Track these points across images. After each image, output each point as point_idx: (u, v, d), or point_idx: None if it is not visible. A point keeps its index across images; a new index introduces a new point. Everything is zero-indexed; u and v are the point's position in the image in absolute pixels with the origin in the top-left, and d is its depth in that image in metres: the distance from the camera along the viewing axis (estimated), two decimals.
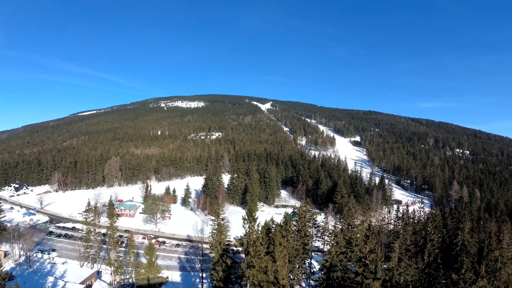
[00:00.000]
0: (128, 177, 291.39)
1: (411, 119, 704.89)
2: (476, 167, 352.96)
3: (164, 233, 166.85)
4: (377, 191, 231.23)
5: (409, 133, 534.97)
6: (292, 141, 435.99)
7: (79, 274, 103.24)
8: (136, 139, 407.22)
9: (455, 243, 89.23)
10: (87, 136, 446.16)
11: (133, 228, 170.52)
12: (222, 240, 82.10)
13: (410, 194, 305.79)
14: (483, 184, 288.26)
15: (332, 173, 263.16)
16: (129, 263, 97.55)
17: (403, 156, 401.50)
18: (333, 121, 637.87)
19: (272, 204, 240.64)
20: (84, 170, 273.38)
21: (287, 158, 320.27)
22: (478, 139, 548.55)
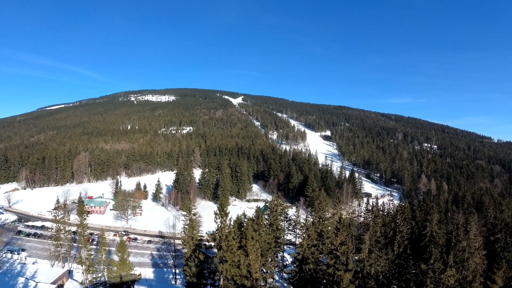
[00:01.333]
0: (98, 173, 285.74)
1: (380, 114, 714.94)
2: (443, 161, 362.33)
3: (135, 230, 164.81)
4: (347, 185, 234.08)
5: (379, 128, 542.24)
6: (263, 136, 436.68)
7: (50, 274, 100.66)
8: (105, 134, 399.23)
9: (423, 234, 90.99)
10: (55, 131, 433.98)
11: (104, 225, 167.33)
12: (194, 236, 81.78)
13: (380, 187, 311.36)
14: (451, 177, 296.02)
15: (303, 167, 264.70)
16: (100, 261, 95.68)
17: (372, 150, 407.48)
18: (304, 116, 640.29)
19: (243, 199, 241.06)
20: (53, 166, 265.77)
21: (258, 153, 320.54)
22: (446, 134, 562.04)
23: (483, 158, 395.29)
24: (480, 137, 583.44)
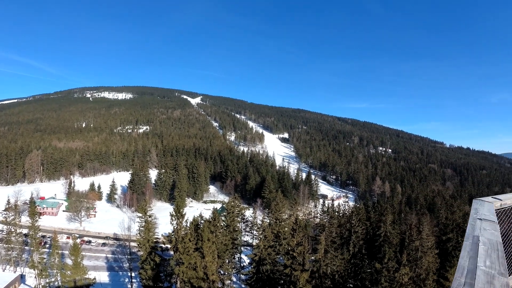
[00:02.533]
0: (51, 172, 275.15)
1: (337, 118, 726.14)
2: (397, 164, 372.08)
3: (89, 232, 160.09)
4: (304, 186, 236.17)
5: (336, 131, 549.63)
6: (221, 137, 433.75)
7: (2, 279, 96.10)
8: (59, 131, 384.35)
9: (378, 234, 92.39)
10: (6, 127, 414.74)
11: (57, 227, 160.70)
12: (150, 238, 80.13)
13: (336, 189, 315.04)
14: (404, 180, 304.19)
15: (261, 169, 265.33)
16: (54, 265, 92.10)
17: (329, 153, 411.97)
18: (262, 118, 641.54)
19: (200, 200, 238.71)
20: (3, 164, 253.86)
21: (216, 154, 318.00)
22: (400, 139, 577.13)
23: (436, 162, 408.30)
24: (433, 142, 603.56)
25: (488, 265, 4.00)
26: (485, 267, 3.93)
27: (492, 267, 3.94)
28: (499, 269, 3.88)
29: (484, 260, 4.11)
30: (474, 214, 6.90)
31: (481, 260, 4.10)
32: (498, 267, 3.92)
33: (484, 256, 4.28)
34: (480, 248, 4.54)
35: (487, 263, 4.02)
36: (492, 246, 4.68)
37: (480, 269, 3.85)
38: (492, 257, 4.24)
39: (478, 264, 3.98)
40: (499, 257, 4.26)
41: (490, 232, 5.59)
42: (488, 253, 4.34)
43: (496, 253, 4.37)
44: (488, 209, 7.44)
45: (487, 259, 4.16)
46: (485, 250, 4.47)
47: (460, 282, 3.59)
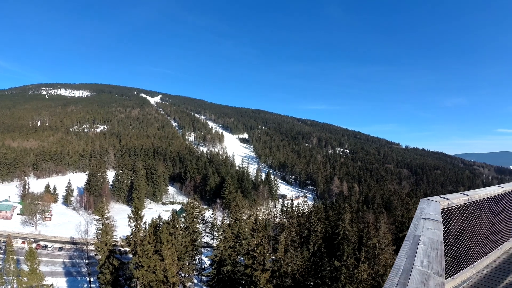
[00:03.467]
0: (4, 173, 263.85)
1: (297, 119, 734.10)
2: (355, 165, 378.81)
3: (45, 236, 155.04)
4: (263, 187, 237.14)
5: (295, 132, 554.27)
6: (180, 137, 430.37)
7: None
8: (13, 130, 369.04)
9: (337, 233, 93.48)
10: None
11: (11, 231, 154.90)
12: (108, 241, 78.23)
13: (295, 189, 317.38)
14: (362, 179, 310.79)
15: (220, 169, 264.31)
16: (9, 271, 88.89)
17: (288, 154, 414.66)
18: (222, 118, 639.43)
19: (159, 201, 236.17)
20: None
21: (175, 154, 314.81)
22: (358, 140, 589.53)
23: (392, 162, 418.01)
24: (389, 143, 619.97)
25: (425, 264, 3.99)
26: (422, 266, 3.92)
27: (429, 266, 3.93)
28: (436, 269, 3.85)
29: (422, 259, 4.14)
30: (419, 214, 6.92)
31: (419, 259, 4.13)
32: (436, 266, 3.94)
33: (423, 255, 4.26)
34: (419, 248, 4.52)
35: (424, 263, 4.03)
36: (432, 246, 4.65)
37: (416, 268, 3.85)
38: (430, 256, 4.24)
39: (415, 264, 3.97)
40: (438, 257, 4.26)
41: (432, 231, 5.59)
42: (427, 253, 4.35)
43: (435, 252, 4.37)
44: (434, 209, 7.52)
45: (425, 258, 4.18)
46: (424, 250, 4.45)
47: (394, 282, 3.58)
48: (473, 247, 10.74)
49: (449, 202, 8.64)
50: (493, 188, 11.98)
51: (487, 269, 10.94)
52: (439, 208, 7.78)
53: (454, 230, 9.37)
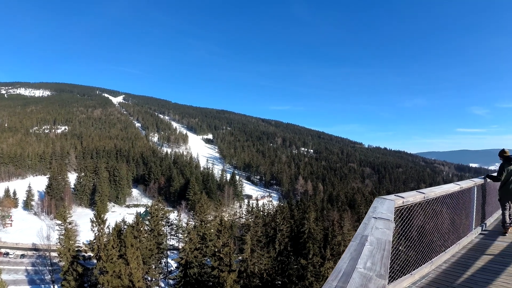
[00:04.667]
0: None
1: (261, 119, 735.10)
2: (319, 164, 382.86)
3: (6, 243, 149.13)
4: (228, 187, 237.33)
5: (259, 133, 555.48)
6: (144, 138, 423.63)
7: None
8: None
9: (302, 231, 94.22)
10: None
11: None
12: (71, 247, 76.45)
13: (260, 189, 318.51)
14: (326, 178, 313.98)
15: (185, 170, 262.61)
16: None
17: (253, 154, 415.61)
18: (186, 118, 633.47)
19: (123, 204, 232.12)
20: None
21: (138, 155, 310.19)
22: (322, 140, 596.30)
23: (355, 161, 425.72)
24: (353, 143, 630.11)
25: (368, 266, 3.77)
26: (365, 269, 3.70)
27: (372, 268, 3.71)
28: (379, 271, 3.65)
29: (366, 261, 3.93)
30: (371, 213, 6.78)
31: (362, 261, 3.91)
32: (379, 268, 3.73)
33: (367, 257, 4.06)
34: (365, 249, 4.33)
35: (367, 265, 3.81)
36: (379, 246, 4.47)
37: (358, 271, 3.62)
38: (375, 257, 4.05)
39: (357, 266, 3.75)
40: (383, 258, 4.08)
41: (382, 231, 5.42)
42: (373, 254, 4.18)
43: (381, 253, 4.20)
44: (387, 207, 7.43)
45: (369, 260, 3.97)
46: (370, 251, 4.27)
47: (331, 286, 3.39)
48: (432, 243, 11.03)
49: (404, 201, 8.72)
50: (450, 186, 12.30)
51: (446, 264, 11.20)
52: (393, 206, 7.87)
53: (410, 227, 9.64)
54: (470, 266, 11.16)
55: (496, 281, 9.73)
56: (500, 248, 13.57)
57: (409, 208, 9.64)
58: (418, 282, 9.64)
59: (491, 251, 13.06)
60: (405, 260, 9.82)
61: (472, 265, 11.28)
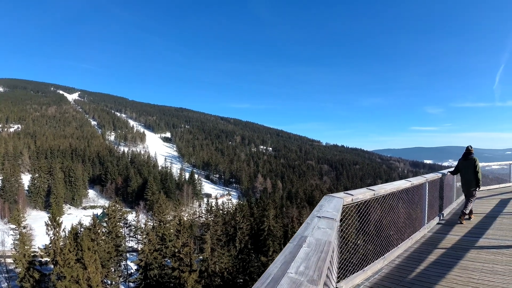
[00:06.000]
0: None
1: (220, 117, 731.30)
2: (278, 162, 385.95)
3: None
4: (187, 186, 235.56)
5: (218, 131, 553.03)
6: (100, 136, 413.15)
7: None
8: None
9: (262, 229, 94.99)
10: None
11: None
12: (26, 252, 74.04)
13: (219, 188, 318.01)
14: (285, 176, 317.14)
15: (142, 170, 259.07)
16: None
17: (212, 152, 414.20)
18: (144, 117, 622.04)
19: (79, 206, 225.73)
20: None
21: (94, 155, 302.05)
22: (280, 138, 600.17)
23: (313, 159, 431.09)
24: (311, 141, 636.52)
25: (300, 271, 3.44)
26: (296, 273, 3.37)
27: (305, 273, 3.38)
28: (312, 276, 3.33)
29: (299, 265, 3.59)
30: (315, 211, 6.58)
31: (295, 265, 3.57)
32: (312, 273, 3.41)
33: (302, 260, 3.73)
34: (301, 251, 4.04)
35: (300, 269, 3.48)
36: (317, 248, 4.21)
37: (288, 276, 3.29)
38: (311, 260, 3.72)
39: (289, 271, 3.42)
40: (319, 260, 3.76)
41: (324, 231, 5.20)
42: (308, 257, 3.85)
43: (317, 256, 3.88)
44: (334, 206, 7.30)
45: (303, 263, 3.63)
46: (306, 253, 3.97)
47: None
48: (384, 238, 11.45)
49: (353, 198, 8.72)
50: (401, 182, 12.71)
51: (399, 259, 11.55)
52: (341, 204, 7.75)
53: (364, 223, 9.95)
54: (423, 260, 11.56)
55: (449, 274, 10.09)
56: (453, 241, 14.14)
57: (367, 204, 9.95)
58: (371, 278, 9.89)
59: (444, 245, 13.54)
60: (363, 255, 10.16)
61: (425, 259, 11.65)
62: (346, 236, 9.13)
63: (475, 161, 18.51)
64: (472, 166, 18.51)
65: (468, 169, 18.70)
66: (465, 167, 18.89)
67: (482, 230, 15.91)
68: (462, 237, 14.93)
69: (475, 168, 18.40)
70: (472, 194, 18.37)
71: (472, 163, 18.51)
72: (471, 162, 18.59)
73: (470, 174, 18.57)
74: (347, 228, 9.00)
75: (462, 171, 19.23)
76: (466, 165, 18.85)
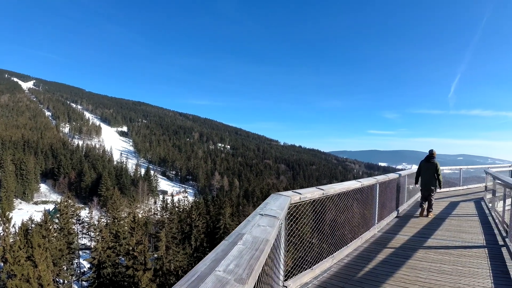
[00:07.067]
0: None
1: (179, 113, 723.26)
2: (236, 160, 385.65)
3: None
4: (143, 182, 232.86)
5: (176, 127, 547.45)
6: (54, 128, 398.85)
7: None
8: None
9: (218, 227, 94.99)
10: None
11: None
12: None
13: (176, 185, 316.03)
14: (242, 174, 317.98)
15: (97, 164, 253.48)
16: None
17: (169, 148, 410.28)
18: (100, 109, 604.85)
19: (31, 201, 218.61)
20: None
21: (47, 147, 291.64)
22: (239, 136, 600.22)
23: (271, 158, 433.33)
24: (269, 140, 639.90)
25: (230, 269, 3.27)
26: (224, 272, 3.21)
27: (234, 271, 3.22)
28: (240, 274, 3.16)
29: (229, 263, 3.43)
30: (259, 209, 6.57)
31: (225, 263, 3.42)
32: (242, 271, 3.24)
33: (234, 258, 3.60)
34: (235, 248, 3.92)
35: (230, 267, 3.32)
36: (252, 246, 4.06)
37: (215, 274, 3.14)
38: (243, 259, 3.58)
39: (217, 269, 3.26)
40: (252, 258, 3.62)
41: (263, 229, 5.04)
42: (241, 255, 3.73)
43: (251, 254, 3.77)
44: (280, 204, 7.30)
45: (234, 261, 3.49)
46: (240, 251, 3.84)
47: None
48: (339, 237, 11.80)
49: (301, 197, 8.76)
50: (351, 183, 13.06)
51: (348, 258, 11.84)
52: (287, 203, 7.74)
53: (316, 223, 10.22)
54: (372, 259, 11.91)
55: (397, 273, 10.40)
56: (402, 241, 14.69)
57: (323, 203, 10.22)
58: (319, 277, 10.04)
59: (393, 245, 14.03)
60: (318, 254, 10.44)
61: (374, 258, 12.04)
62: (301, 234, 9.34)
63: (437, 164, 21.05)
64: (433, 169, 21.03)
65: (429, 171, 21.16)
66: (427, 169, 21.33)
67: (431, 231, 16.72)
68: (412, 237, 15.53)
69: (436, 170, 20.98)
70: (431, 193, 20.71)
71: (434, 166, 21.04)
72: (432, 165, 21.09)
73: (431, 175, 21.06)
74: (302, 227, 9.21)
75: (423, 172, 21.62)
76: (428, 167, 21.30)
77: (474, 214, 21.44)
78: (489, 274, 10.44)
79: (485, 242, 14.60)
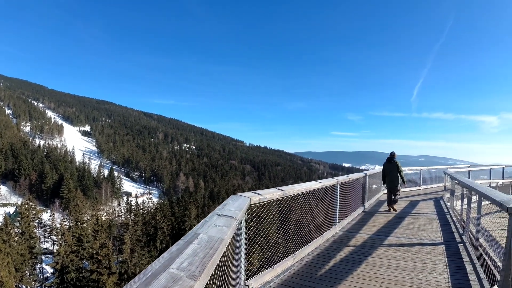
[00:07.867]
0: None
1: (143, 113, 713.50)
2: (201, 161, 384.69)
3: None
4: (106, 184, 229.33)
5: (140, 127, 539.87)
6: (14, 127, 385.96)
7: None
8: None
9: (183, 228, 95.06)
10: None
11: None
12: None
13: (140, 186, 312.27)
14: (207, 175, 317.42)
15: (59, 165, 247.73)
16: None
17: (133, 149, 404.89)
18: (63, 108, 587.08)
19: None
20: None
21: (7, 147, 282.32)
22: (204, 137, 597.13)
23: (236, 159, 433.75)
24: (234, 141, 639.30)
25: (183, 267, 3.40)
26: (178, 269, 3.32)
27: (187, 269, 3.34)
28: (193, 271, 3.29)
29: (183, 261, 3.57)
30: (217, 210, 6.64)
31: (179, 261, 3.54)
32: (195, 268, 3.37)
33: (187, 256, 3.74)
34: (189, 248, 4.03)
35: (183, 265, 3.45)
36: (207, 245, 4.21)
37: (169, 271, 3.23)
38: (196, 257, 3.75)
39: (171, 266, 3.36)
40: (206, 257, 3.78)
41: (219, 229, 5.19)
42: (196, 253, 3.87)
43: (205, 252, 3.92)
44: (238, 205, 7.37)
45: (187, 260, 3.63)
46: (194, 250, 3.98)
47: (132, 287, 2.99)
48: (304, 236, 12.33)
49: (261, 198, 8.93)
50: (312, 183, 13.53)
51: (310, 257, 12.23)
52: (246, 204, 7.90)
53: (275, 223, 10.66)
54: (333, 257, 12.35)
55: (356, 270, 10.79)
56: (362, 239, 15.35)
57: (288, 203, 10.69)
58: (281, 275, 10.36)
59: (354, 243, 14.65)
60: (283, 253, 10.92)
61: (335, 256, 12.49)
62: (267, 234, 9.78)
63: (397, 163, 23.75)
64: (395, 168, 23.75)
65: (392, 171, 23.86)
66: (390, 169, 24.03)
67: (390, 229, 17.50)
68: (372, 235, 16.19)
69: (398, 169, 23.68)
70: (396, 190, 23.29)
71: (395, 165, 23.74)
72: (394, 164, 23.78)
73: (394, 174, 23.70)
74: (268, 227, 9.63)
75: (387, 172, 24.29)
76: (390, 167, 24.02)
77: (433, 212, 22.57)
78: (446, 269, 10.98)
79: (443, 240, 15.32)
